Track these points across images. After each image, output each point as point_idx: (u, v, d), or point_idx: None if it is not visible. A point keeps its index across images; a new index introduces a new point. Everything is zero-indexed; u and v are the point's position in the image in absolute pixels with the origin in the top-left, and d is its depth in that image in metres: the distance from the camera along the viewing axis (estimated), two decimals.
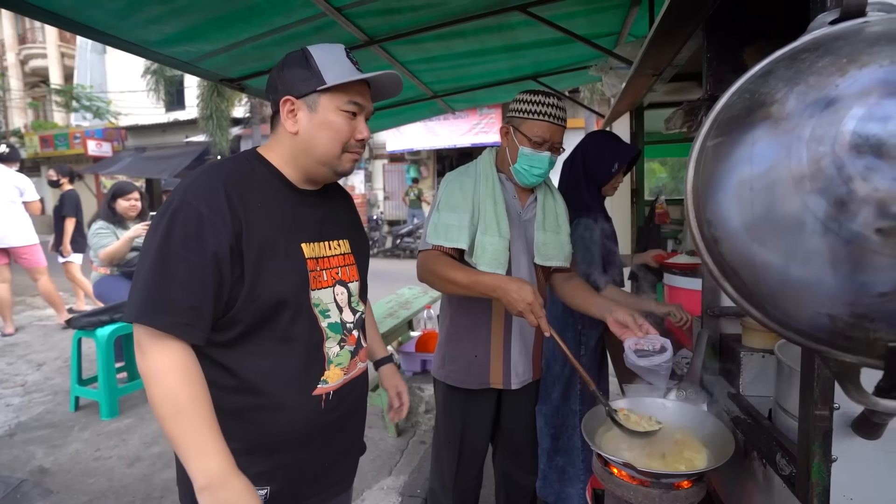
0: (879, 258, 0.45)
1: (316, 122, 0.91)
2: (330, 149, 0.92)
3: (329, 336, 0.94)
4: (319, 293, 0.94)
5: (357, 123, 0.94)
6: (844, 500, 0.69)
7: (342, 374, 0.97)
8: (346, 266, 1.02)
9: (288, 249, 0.90)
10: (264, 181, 0.92)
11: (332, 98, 0.90)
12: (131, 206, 3.18)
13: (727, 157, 0.55)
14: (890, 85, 0.46)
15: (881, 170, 0.45)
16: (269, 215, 0.89)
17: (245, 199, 0.86)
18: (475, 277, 1.25)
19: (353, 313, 1.02)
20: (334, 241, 1.00)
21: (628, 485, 0.93)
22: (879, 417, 0.60)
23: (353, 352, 1.00)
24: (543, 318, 1.16)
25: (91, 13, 1.52)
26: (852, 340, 0.50)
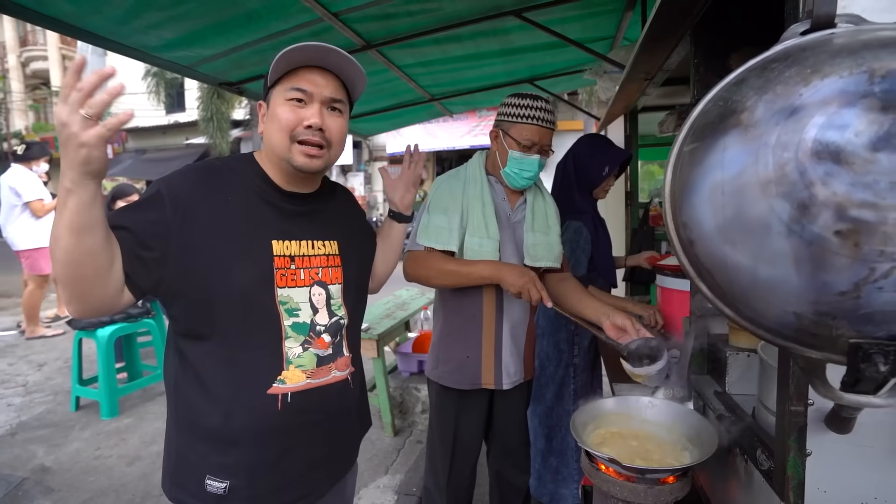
0: (838, 259, 0.48)
1: (268, 117, 0.93)
2: (278, 141, 0.91)
3: (289, 336, 0.92)
4: (290, 291, 0.93)
5: (305, 111, 0.90)
6: (819, 493, 0.72)
7: (304, 378, 0.93)
8: (330, 267, 1.00)
9: (252, 244, 0.90)
10: (245, 180, 0.94)
11: (279, 91, 0.92)
12: None
13: (701, 162, 0.58)
14: (848, 95, 0.49)
15: (839, 175, 0.47)
16: (237, 211, 0.90)
17: (215, 195, 0.89)
18: (469, 266, 1.29)
19: (331, 316, 0.98)
20: (319, 241, 0.99)
21: (614, 480, 0.96)
22: (847, 412, 0.63)
23: (321, 357, 0.95)
24: (544, 289, 1.22)
25: (92, 19, 1.55)
26: (817, 337, 0.53)
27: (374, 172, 13.52)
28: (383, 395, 2.61)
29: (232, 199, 0.90)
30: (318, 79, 0.91)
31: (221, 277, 0.86)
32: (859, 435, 0.69)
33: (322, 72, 0.92)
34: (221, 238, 0.87)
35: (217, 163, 0.96)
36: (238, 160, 0.98)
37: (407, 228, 1.24)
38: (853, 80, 0.49)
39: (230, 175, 0.93)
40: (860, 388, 0.54)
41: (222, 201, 0.89)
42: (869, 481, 0.70)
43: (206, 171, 0.92)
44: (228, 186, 0.91)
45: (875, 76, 0.48)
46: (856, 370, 0.51)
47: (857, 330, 0.50)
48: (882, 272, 0.46)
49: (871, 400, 0.55)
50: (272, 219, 0.94)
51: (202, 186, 0.89)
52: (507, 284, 1.22)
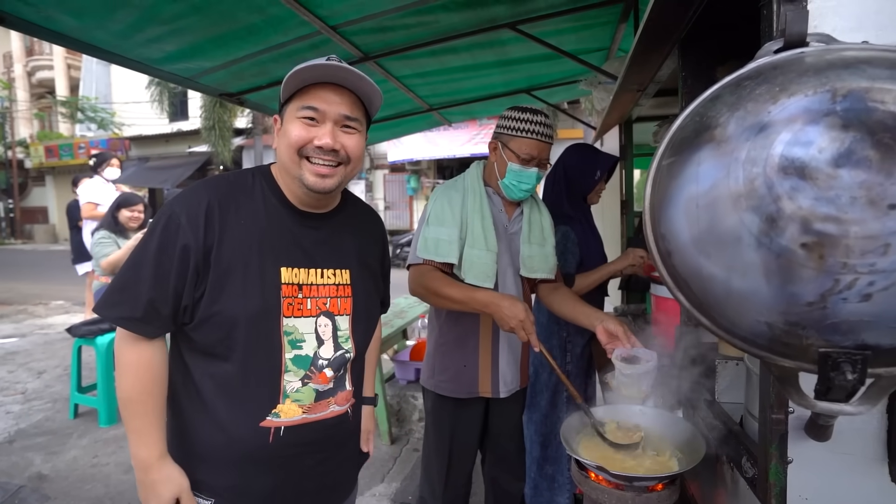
0: (805, 270, 0.50)
1: (280, 133, 0.91)
2: (287, 158, 0.88)
3: (289, 369, 0.89)
4: (296, 321, 0.90)
5: (317, 130, 0.87)
6: (800, 500, 0.73)
7: (300, 412, 0.90)
8: (340, 298, 0.95)
9: (261, 271, 0.88)
10: (259, 197, 0.91)
11: (291, 108, 0.89)
12: (133, 218, 3.21)
13: (678, 176, 0.60)
14: (812, 113, 0.51)
15: (804, 190, 0.49)
16: (248, 233, 0.88)
17: (228, 215, 0.87)
18: (469, 294, 1.29)
19: (336, 349, 0.94)
20: (329, 269, 0.95)
21: (603, 488, 0.97)
22: (823, 419, 0.64)
23: (321, 391, 0.92)
24: (534, 333, 1.21)
25: (96, 33, 1.59)
26: (788, 346, 0.55)
27: (375, 180, 13.59)
28: (380, 403, 2.62)
29: (245, 222, 0.88)
30: (332, 96, 0.88)
31: (230, 302, 0.85)
32: (839, 442, 0.71)
33: (336, 88, 0.88)
34: (233, 262, 0.86)
35: (232, 179, 0.93)
36: (254, 175, 0.95)
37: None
38: (817, 98, 0.51)
39: (244, 194, 0.91)
40: (832, 396, 0.55)
41: (236, 223, 0.88)
42: (849, 488, 0.71)
43: (220, 189, 0.90)
44: (241, 207, 0.89)
45: (837, 95, 0.50)
46: (826, 378, 0.53)
47: (825, 339, 0.52)
48: (846, 283, 0.48)
49: (843, 408, 0.57)
50: (283, 243, 0.91)
51: (216, 206, 0.87)
52: (498, 319, 1.23)
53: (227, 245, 0.86)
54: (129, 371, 0.86)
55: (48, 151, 17.20)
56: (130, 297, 0.83)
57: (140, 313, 0.83)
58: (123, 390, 0.86)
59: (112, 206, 3.23)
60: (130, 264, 0.86)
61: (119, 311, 0.84)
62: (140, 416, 0.86)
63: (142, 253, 0.85)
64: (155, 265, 0.83)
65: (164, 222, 0.85)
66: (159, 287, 0.83)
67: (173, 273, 0.83)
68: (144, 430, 0.86)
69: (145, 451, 0.86)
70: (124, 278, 0.86)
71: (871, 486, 0.70)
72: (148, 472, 0.86)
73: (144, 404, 0.86)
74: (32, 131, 19.69)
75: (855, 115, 0.48)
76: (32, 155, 17.94)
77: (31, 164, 18.30)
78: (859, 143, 0.47)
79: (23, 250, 15.57)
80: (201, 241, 0.84)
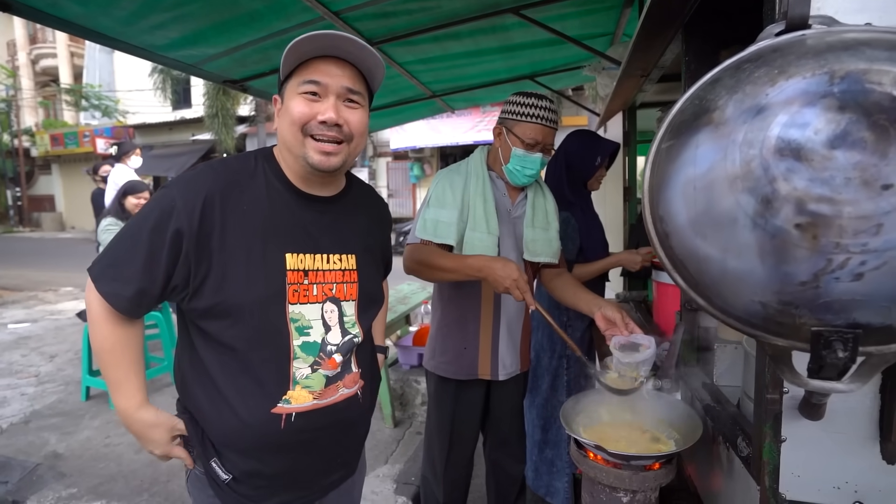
0: (799, 250, 0.51)
1: (282, 112, 0.88)
2: (291, 136, 0.86)
3: (298, 356, 0.88)
4: (302, 308, 0.88)
5: (320, 105, 0.85)
6: (793, 478, 0.74)
7: (311, 398, 0.90)
8: (346, 283, 0.95)
9: (265, 257, 0.86)
10: (263, 183, 0.89)
11: (292, 83, 0.86)
12: (139, 205, 3.24)
13: (676, 159, 0.60)
14: (810, 95, 0.51)
15: (799, 171, 0.50)
16: (251, 220, 0.86)
17: (229, 200, 0.85)
18: (461, 261, 1.32)
19: (344, 335, 0.94)
20: (335, 254, 0.93)
21: (601, 467, 0.99)
22: (816, 398, 0.65)
23: (330, 377, 0.92)
24: (528, 292, 1.23)
25: (100, 20, 1.60)
26: (782, 325, 0.56)
27: (378, 168, 13.56)
28: (384, 387, 2.66)
29: (247, 208, 0.86)
30: (334, 69, 0.85)
31: (233, 290, 0.84)
32: (832, 422, 0.72)
33: (338, 62, 0.85)
34: (235, 250, 0.84)
35: (235, 165, 0.90)
36: (256, 158, 0.92)
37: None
38: (815, 80, 0.52)
39: (246, 179, 0.88)
40: (824, 375, 0.57)
41: (238, 209, 0.85)
42: (841, 466, 0.73)
43: (222, 175, 0.87)
44: (244, 193, 0.87)
45: (835, 77, 0.51)
46: (818, 357, 0.54)
47: (817, 318, 0.53)
48: (838, 263, 0.49)
49: (835, 385, 0.58)
50: (288, 228, 0.89)
51: (217, 193, 0.84)
52: (492, 280, 1.24)
53: (230, 232, 0.84)
54: (100, 323, 0.86)
55: (53, 140, 17.25)
56: (123, 275, 0.83)
57: (129, 293, 0.83)
58: (96, 341, 0.87)
59: (118, 194, 3.25)
60: (128, 237, 0.84)
61: (111, 287, 0.83)
62: (115, 366, 0.87)
63: (138, 228, 0.83)
64: (148, 244, 0.82)
65: (162, 203, 0.83)
66: (151, 270, 0.82)
67: (164, 255, 0.82)
68: (122, 381, 0.87)
69: (124, 402, 0.88)
70: (119, 252, 0.85)
71: (862, 464, 0.72)
72: (133, 422, 0.89)
73: (121, 354, 0.87)
74: (38, 119, 19.74)
75: (852, 96, 0.49)
76: (38, 143, 18.00)
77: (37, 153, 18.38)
78: (855, 124, 0.48)
79: (31, 238, 15.73)
80: (195, 229, 0.82)
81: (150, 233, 0.82)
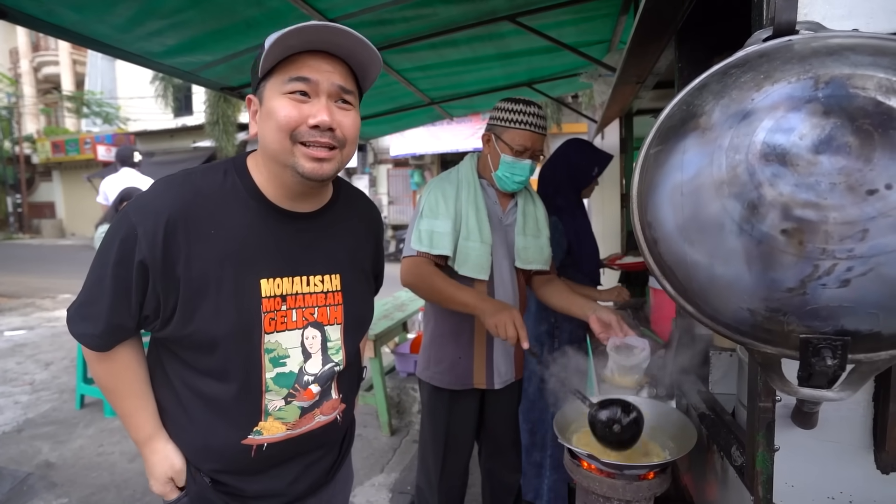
0: (785, 256, 0.50)
1: (262, 115, 0.76)
2: (276, 143, 0.75)
3: (270, 389, 0.81)
4: (279, 336, 0.81)
5: (310, 107, 0.74)
6: (786, 488, 0.73)
7: (284, 429, 0.85)
8: (329, 306, 0.86)
9: (237, 286, 0.77)
10: (232, 201, 0.79)
11: (274, 81, 0.74)
12: None
13: (664, 164, 0.60)
14: (795, 100, 0.51)
15: (785, 176, 0.50)
16: (220, 245, 0.77)
17: (195, 227, 0.76)
18: (456, 293, 1.30)
19: (325, 363, 0.86)
20: (317, 276, 0.84)
21: (594, 476, 0.98)
22: (807, 406, 0.64)
23: (306, 407, 0.86)
24: (524, 328, 1.19)
25: (96, 27, 1.60)
26: (770, 333, 0.55)
27: (378, 175, 13.60)
28: (380, 394, 2.64)
29: (216, 232, 0.77)
30: (324, 65, 0.74)
31: (203, 323, 0.77)
32: (826, 430, 0.71)
33: (327, 56, 0.75)
34: (204, 280, 0.76)
35: (200, 182, 0.79)
36: (227, 173, 0.81)
37: None
38: (800, 85, 0.51)
39: (214, 198, 0.78)
40: (814, 383, 0.56)
41: (205, 233, 0.76)
42: (835, 476, 0.72)
43: (184, 194, 0.77)
44: (213, 214, 0.77)
45: (819, 82, 0.51)
46: (807, 364, 0.53)
47: (805, 325, 0.52)
48: (825, 269, 0.49)
49: (825, 393, 0.57)
50: (263, 251, 0.80)
51: (179, 216, 0.75)
52: (484, 320, 1.23)
53: (196, 261, 0.75)
54: (99, 363, 0.84)
55: (55, 147, 17.32)
56: (92, 314, 0.79)
57: (99, 332, 0.79)
58: (100, 379, 0.86)
59: (115, 201, 3.25)
60: (94, 276, 0.79)
61: (82, 328, 0.80)
62: (120, 400, 0.86)
63: (102, 263, 0.78)
64: (113, 279, 0.76)
65: (122, 232, 0.75)
66: (120, 306, 0.77)
67: (133, 289, 0.76)
68: (131, 414, 0.86)
69: (134, 434, 0.87)
70: (87, 290, 0.80)
71: (857, 473, 0.71)
72: (143, 450, 0.87)
73: (121, 388, 0.86)
74: (39, 127, 19.83)
75: (836, 101, 0.49)
76: (39, 150, 18.07)
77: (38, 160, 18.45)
78: (839, 129, 0.48)
79: (30, 245, 15.74)
80: (159, 259, 0.74)
81: (113, 267, 0.76)
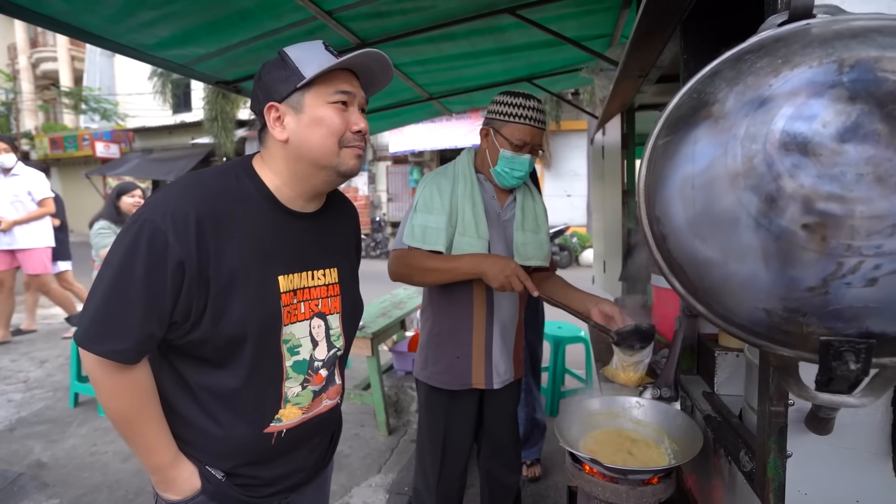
0: (806, 253, 0.47)
1: (304, 121, 0.84)
2: (325, 147, 0.84)
3: (290, 376, 0.89)
4: (292, 328, 0.88)
5: (350, 115, 0.86)
6: (799, 496, 0.70)
7: (300, 414, 0.92)
8: (330, 297, 0.95)
9: (260, 283, 0.83)
10: (248, 202, 0.85)
11: (317, 92, 0.84)
12: (135, 203, 3.17)
13: (673, 156, 0.57)
14: (817, 85, 0.48)
15: (806, 167, 0.46)
16: (244, 245, 0.82)
17: (220, 227, 0.80)
18: (453, 262, 1.29)
19: (329, 349, 0.95)
20: (319, 270, 0.93)
21: (597, 481, 0.95)
22: (824, 412, 0.61)
23: (316, 391, 0.94)
24: (528, 279, 1.23)
25: (86, 17, 1.56)
26: (788, 335, 0.52)
27: (377, 172, 13.55)
28: (378, 394, 2.61)
29: (238, 234, 0.82)
30: (353, 80, 0.88)
31: (233, 321, 0.81)
32: (841, 436, 0.68)
33: (351, 73, 0.88)
34: (232, 279, 0.80)
35: (215, 185, 0.84)
36: (238, 176, 0.87)
37: None
38: (822, 70, 0.48)
39: (231, 202, 0.83)
40: (834, 388, 0.52)
41: (229, 235, 0.81)
42: (850, 484, 0.68)
43: (207, 201, 0.81)
44: (233, 216, 0.82)
45: (844, 66, 0.47)
46: (828, 369, 0.50)
47: (827, 327, 0.49)
48: (849, 267, 0.45)
49: (846, 399, 0.54)
50: (278, 250, 0.86)
51: (206, 217, 0.79)
52: (488, 279, 1.22)
53: (224, 259, 0.79)
54: (119, 393, 0.80)
55: (53, 143, 17.23)
56: (121, 328, 0.76)
57: (132, 344, 0.77)
58: (115, 411, 0.81)
59: (112, 196, 3.21)
60: (115, 290, 0.75)
61: (110, 345, 0.76)
62: (144, 430, 0.83)
63: (127, 276, 0.75)
64: (145, 289, 0.75)
65: (148, 238, 0.75)
66: (154, 314, 0.76)
67: (167, 296, 0.76)
68: (153, 442, 0.83)
69: (158, 459, 0.84)
70: (110, 308, 0.76)
71: (874, 481, 0.68)
72: (168, 473, 0.84)
73: (146, 419, 0.82)
74: (37, 123, 19.74)
75: (863, 86, 0.45)
76: (38, 147, 17.98)
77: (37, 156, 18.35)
78: (867, 115, 0.44)
79: None
80: (194, 256, 0.76)
81: (145, 275, 0.74)
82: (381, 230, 11.19)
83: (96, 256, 3.17)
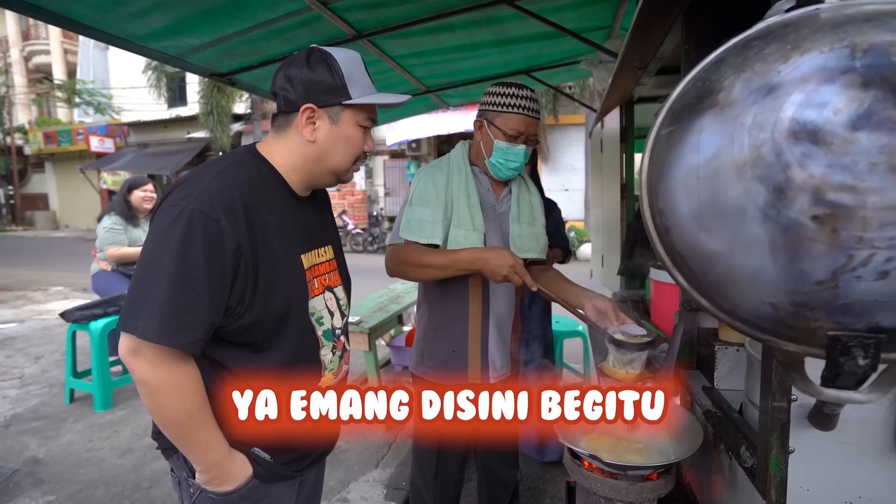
0: (815, 246, 0.45)
1: (336, 134, 0.92)
2: (345, 161, 0.95)
3: (324, 344, 0.97)
4: (314, 301, 0.95)
5: (367, 137, 0.97)
6: (801, 492, 0.69)
7: (332, 379, 1.00)
8: (331, 272, 1.03)
9: (290, 261, 0.91)
10: (271, 188, 0.91)
11: (355, 113, 0.93)
12: (147, 198, 3.07)
13: (678, 146, 0.55)
14: (828, 71, 0.46)
15: (817, 156, 0.45)
16: (275, 228, 0.88)
17: (258, 212, 0.85)
18: (451, 255, 1.28)
19: (342, 317, 1.04)
20: (322, 247, 1.02)
21: (597, 477, 0.94)
22: (829, 408, 0.60)
23: (341, 356, 1.03)
24: (527, 274, 1.22)
25: (75, 7, 1.52)
26: (795, 329, 0.50)
27: (374, 166, 13.48)
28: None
29: (271, 218, 0.88)
30: (373, 108, 0.97)
31: (278, 299, 0.87)
32: (845, 432, 0.67)
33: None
34: (272, 259, 0.87)
35: (242, 174, 0.87)
36: (256, 164, 0.91)
37: None
38: (834, 55, 0.46)
39: (260, 189, 0.89)
40: (840, 383, 0.51)
41: (264, 219, 0.87)
42: (853, 480, 0.68)
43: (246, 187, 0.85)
44: (266, 202, 0.88)
45: (857, 51, 0.45)
46: (835, 364, 0.49)
47: (835, 321, 0.47)
48: (861, 260, 0.44)
49: (853, 395, 0.53)
50: (296, 231, 0.95)
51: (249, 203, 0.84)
52: (489, 271, 1.21)
53: (268, 243, 0.86)
54: (182, 390, 0.81)
55: (47, 138, 17.05)
56: (192, 320, 0.77)
57: (203, 334, 0.79)
58: (179, 410, 0.81)
59: (122, 190, 3.09)
60: (179, 283, 0.76)
61: (187, 337, 0.77)
62: (204, 426, 0.84)
63: (188, 268, 0.76)
64: (208, 276, 0.77)
65: (201, 229, 0.76)
66: (219, 302, 0.79)
67: (228, 283, 0.80)
68: (211, 437, 0.84)
69: (217, 454, 0.85)
70: (178, 300, 0.76)
71: (878, 477, 0.67)
72: (223, 467, 0.86)
73: (205, 415, 0.84)
74: (31, 117, 19.53)
75: (877, 71, 0.43)
76: (31, 141, 17.80)
77: (31, 151, 18.19)
78: (881, 102, 0.43)
79: (24, 237, 15.58)
80: (247, 241, 0.82)
81: (206, 263, 0.76)
82: (379, 224, 11.15)
83: (100, 249, 3.05)
